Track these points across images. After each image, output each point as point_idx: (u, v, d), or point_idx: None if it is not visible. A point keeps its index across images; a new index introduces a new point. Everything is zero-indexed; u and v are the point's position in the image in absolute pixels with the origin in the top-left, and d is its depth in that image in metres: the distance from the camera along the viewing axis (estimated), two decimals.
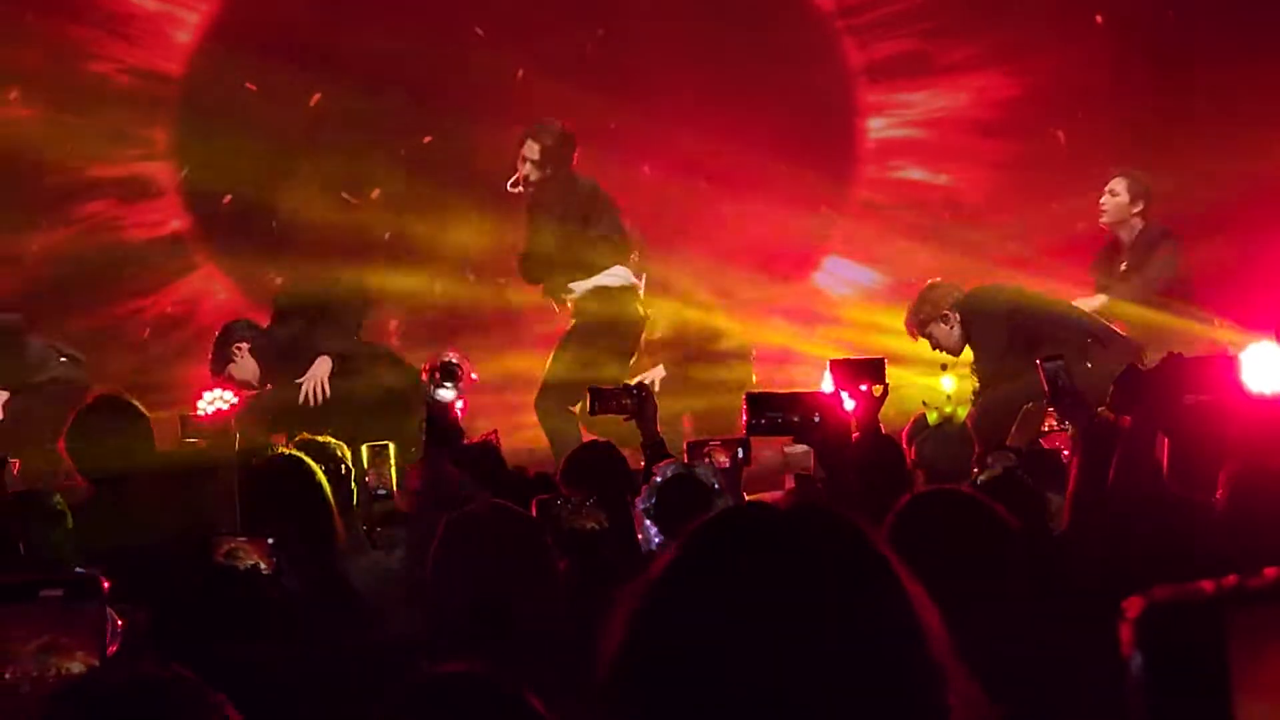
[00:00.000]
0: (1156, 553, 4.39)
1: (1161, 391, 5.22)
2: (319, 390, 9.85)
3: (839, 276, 13.29)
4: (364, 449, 8.06)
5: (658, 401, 7.33)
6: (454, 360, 5.82)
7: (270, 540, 4.98)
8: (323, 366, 9.88)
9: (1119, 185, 10.43)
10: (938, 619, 1.91)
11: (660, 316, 11.23)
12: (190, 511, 6.15)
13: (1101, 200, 10.48)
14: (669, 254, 11.97)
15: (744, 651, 1.83)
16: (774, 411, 5.95)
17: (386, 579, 5.55)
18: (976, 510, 3.84)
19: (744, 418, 6.01)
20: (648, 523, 5.73)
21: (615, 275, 10.36)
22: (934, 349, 9.53)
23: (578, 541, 5.14)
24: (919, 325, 9.57)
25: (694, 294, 11.81)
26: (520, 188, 10.59)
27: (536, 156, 10.42)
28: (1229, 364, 5.91)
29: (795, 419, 5.89)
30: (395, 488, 7.03)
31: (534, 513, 5.04)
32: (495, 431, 7.33)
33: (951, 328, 9.48)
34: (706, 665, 1.83)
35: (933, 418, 8.25)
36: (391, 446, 8.02)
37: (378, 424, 8.64)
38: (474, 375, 6.00)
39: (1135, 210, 10.40)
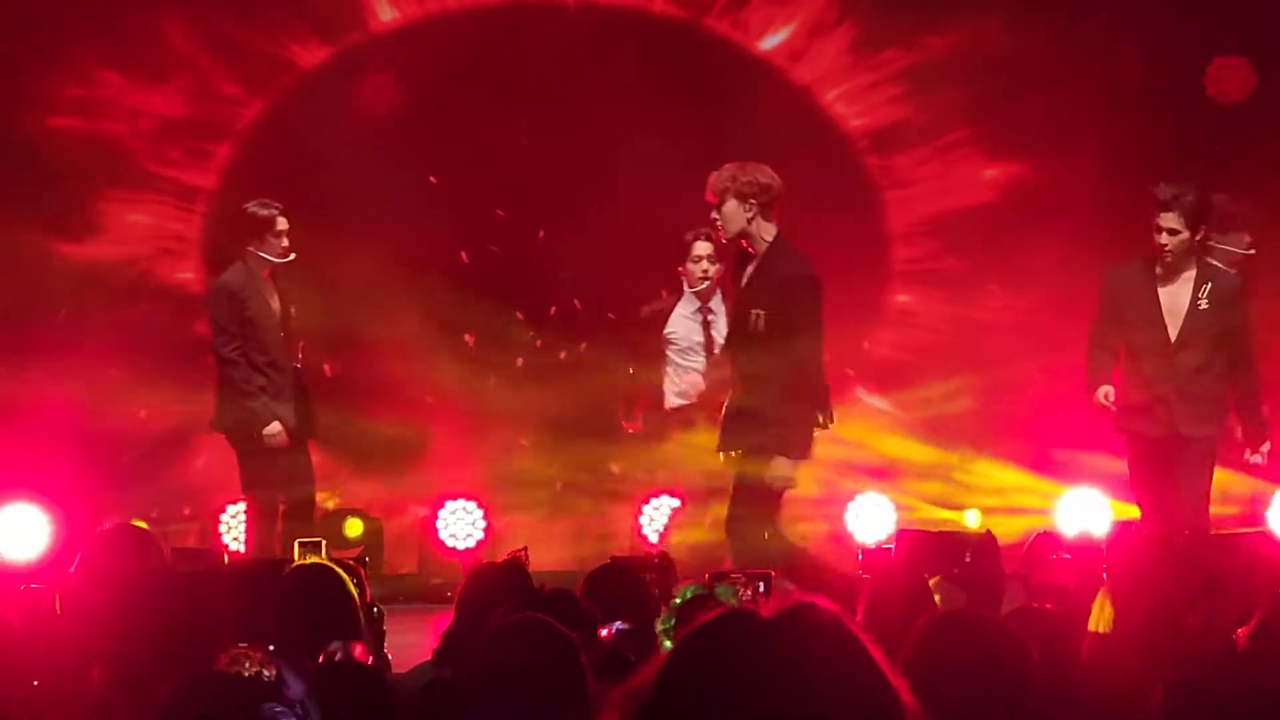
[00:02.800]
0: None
1: None
2: None
3: (865, 407, 13.32)
4: (295, 545, 8.05)
5: None
6: None
7: (271, 647, 5.04)
8: None
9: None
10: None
11: None
12: None
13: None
14: None
15: None
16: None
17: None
18: (992, 634, 3.87)
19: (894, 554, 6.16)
20: (667, 644, 5.76)
21: None
22: None
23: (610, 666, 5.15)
24: None
25: None
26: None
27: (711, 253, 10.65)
28: None
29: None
30: None
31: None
32: (525, 549, 7.36)
33: None
34: None
35: None
36: (324, 544, 8.01)
37: None
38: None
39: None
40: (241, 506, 11.73)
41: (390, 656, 7.31)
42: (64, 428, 12.27)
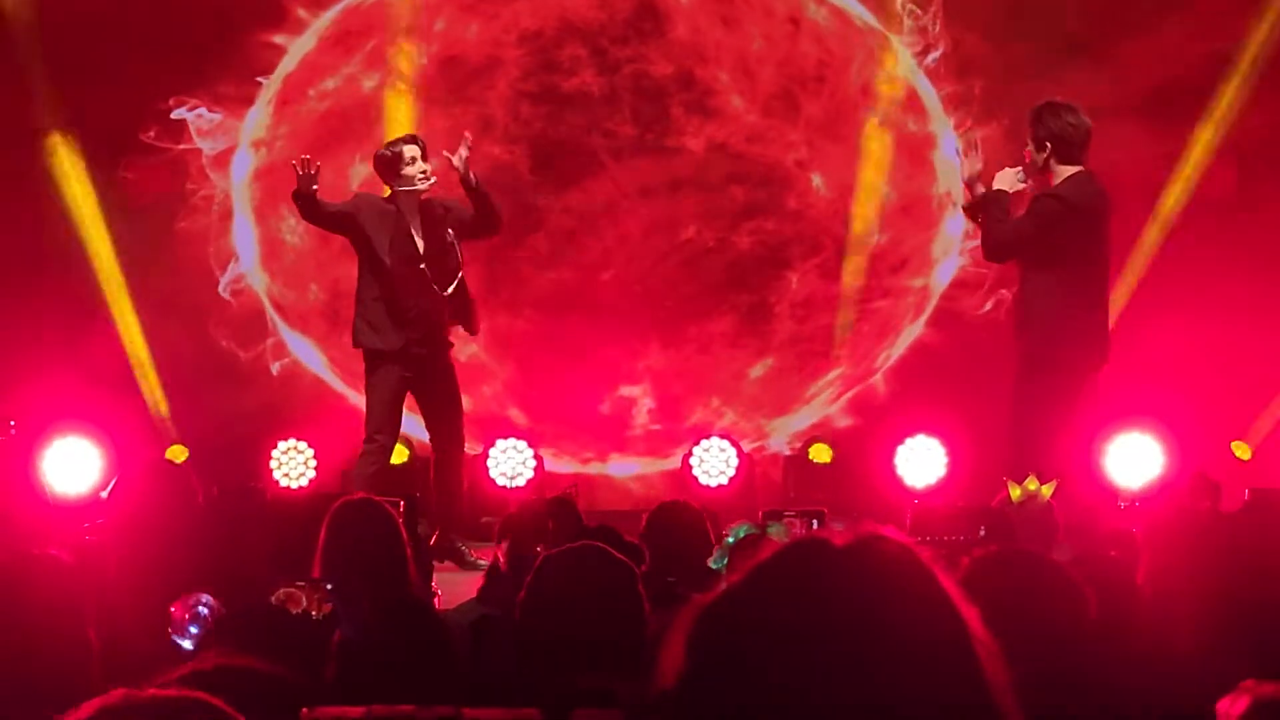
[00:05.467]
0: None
1: None
2: None
3: None
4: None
5: None
6: None
7: (329, 586, 5.04)
8: None
9: None
10: (999, 657, 1.96)
11: None
12: None
13: None
14: None
15: (798, 674, 1.90)
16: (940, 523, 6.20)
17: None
18: (1044, 571, 3.85)
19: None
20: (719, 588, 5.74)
21: None
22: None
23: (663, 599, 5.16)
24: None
25: None
26: None
27: None
28: None
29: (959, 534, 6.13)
30: None
31: None
32: (575, 485, 7.37)
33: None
34: (762, 686, 1.91)
35: (1016, 494, 8.21)
36: (401, 504, 8.06)
37: None
38: None
39: None
40: (291, 443, 11.82)
41: (439, 591, 7.35)
42: (120, 359, 12.37)
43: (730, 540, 5.80)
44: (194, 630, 5.80)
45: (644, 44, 13.07)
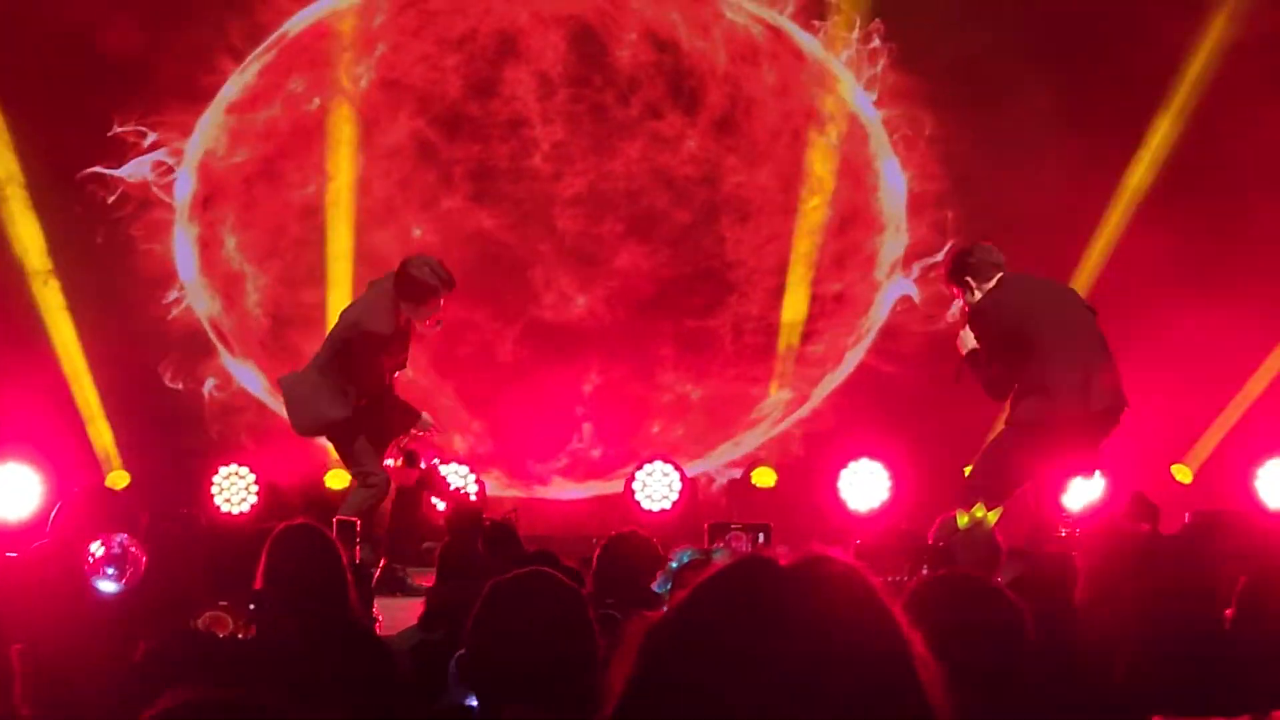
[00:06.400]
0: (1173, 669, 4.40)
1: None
2: None
3: None
4: (334, 522, 8.19)
5: None
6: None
7: (251, 606, 5.01)
8: None
9: None
10: (939, 677, 1.96)
11: None
12: None
13: None
14: None
15: (742, 692, 1.91)
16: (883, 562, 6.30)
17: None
18: (984, 595, 3.86)
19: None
20: (665, 609, 5.75)
21: None
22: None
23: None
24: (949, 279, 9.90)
25: None
26: None
27: None
28: None
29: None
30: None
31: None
32: (515, 510, 7.37)
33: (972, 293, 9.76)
34: (706, 704, 1.91)
35: (962, 521, 8.23)
36: (358, 523, 8.06)
37: None
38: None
39: None
40: (233, 469, 11.74)
41: (380, 617, 7.32)
42: (63, 386, 12.28)
43: (674, 565, 5.79)
44: (111, 571, 5.80)
45: (585, 68, 13.10)
